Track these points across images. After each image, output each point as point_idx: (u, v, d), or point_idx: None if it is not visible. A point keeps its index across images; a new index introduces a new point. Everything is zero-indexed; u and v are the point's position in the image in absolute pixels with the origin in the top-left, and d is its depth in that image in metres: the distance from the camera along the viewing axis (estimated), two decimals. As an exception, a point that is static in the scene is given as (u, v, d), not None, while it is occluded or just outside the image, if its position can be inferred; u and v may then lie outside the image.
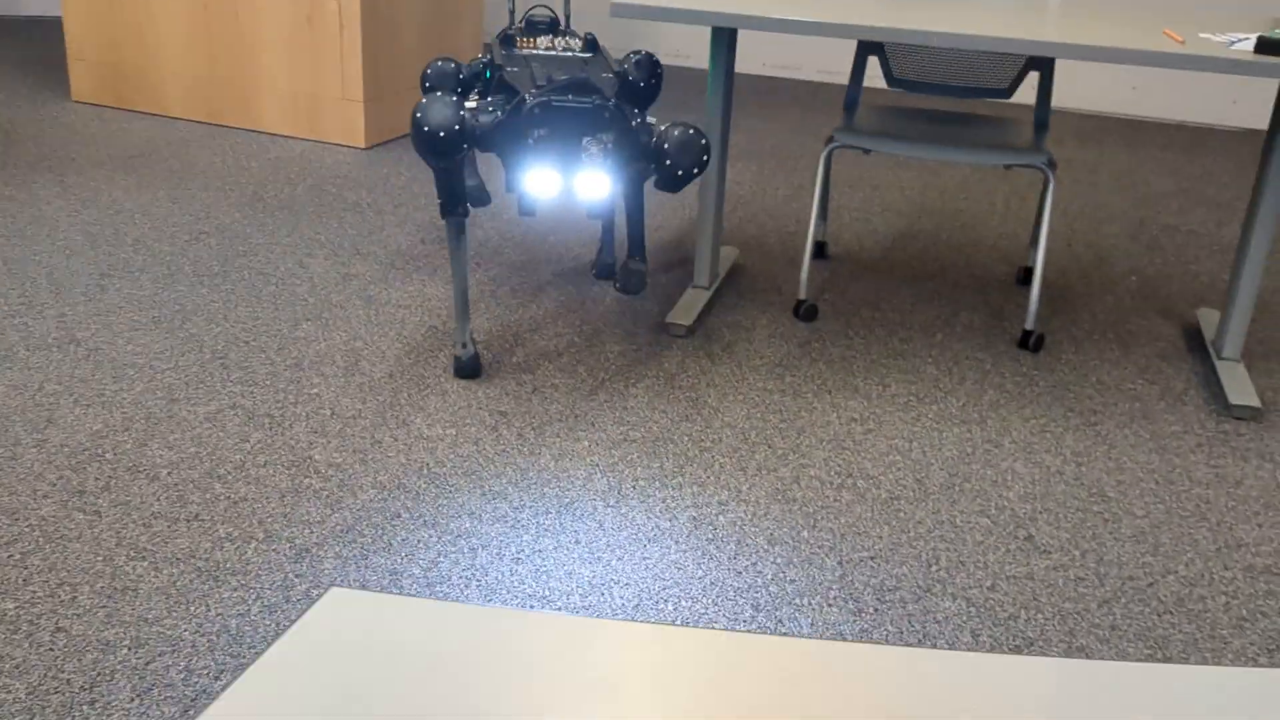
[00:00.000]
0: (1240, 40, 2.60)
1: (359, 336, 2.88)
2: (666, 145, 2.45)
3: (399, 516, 2.20)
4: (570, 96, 2.42)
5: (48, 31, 5.93)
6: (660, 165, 2.47)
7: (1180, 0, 5.14)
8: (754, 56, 5.84)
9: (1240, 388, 2.79)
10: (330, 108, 4.31)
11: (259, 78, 4.39)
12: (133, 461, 2.33)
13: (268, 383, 2.64)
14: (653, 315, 3.08)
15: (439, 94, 2.47)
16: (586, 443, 2.47)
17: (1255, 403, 2.72)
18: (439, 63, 2.96)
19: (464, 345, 2.72)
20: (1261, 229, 2.81)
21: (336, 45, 4.21)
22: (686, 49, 5.93)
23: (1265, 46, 2.48)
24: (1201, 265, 3.63)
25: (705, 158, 2.47)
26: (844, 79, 5.72)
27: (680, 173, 2.46)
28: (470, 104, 2.49)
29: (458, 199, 2.61)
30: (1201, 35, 2.65)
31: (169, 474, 2.29)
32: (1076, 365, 2.93)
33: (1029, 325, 2.99)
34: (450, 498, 2.26)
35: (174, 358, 2.73)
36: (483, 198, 3.44)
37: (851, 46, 5.66)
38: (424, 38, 4.53)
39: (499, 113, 2.49)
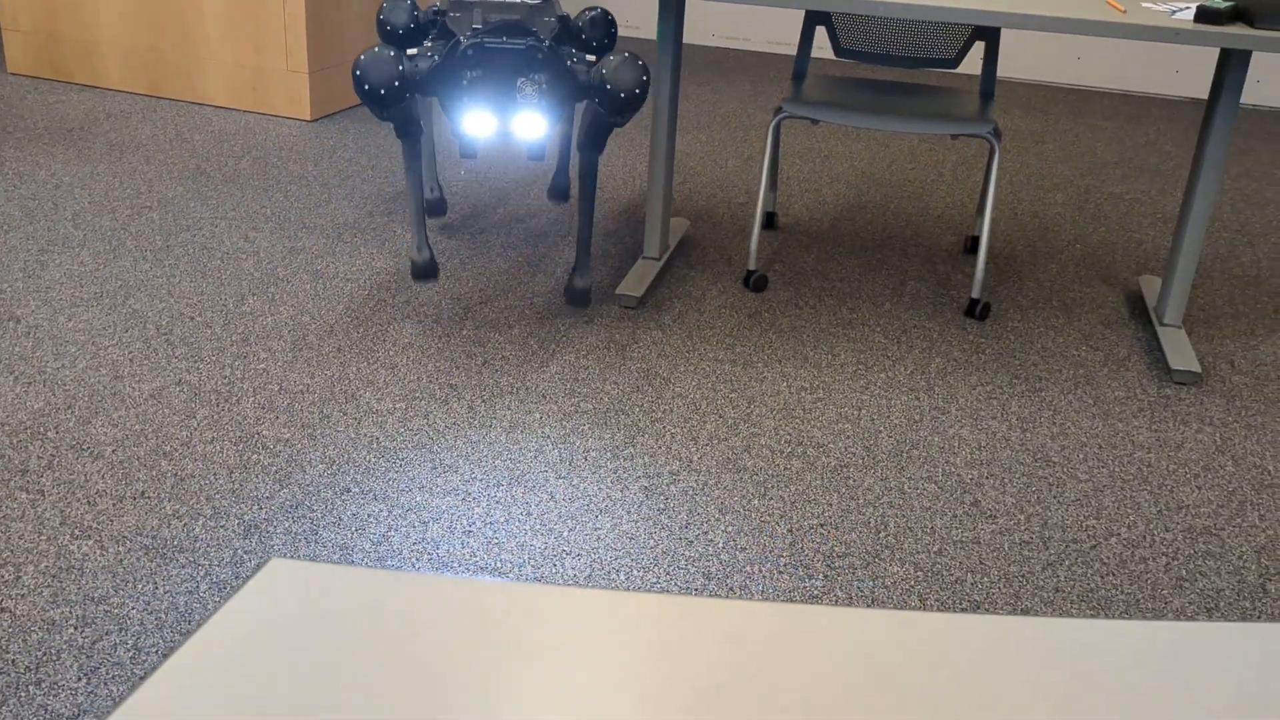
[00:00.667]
0: (1181, 9, 2.63)
1: (306, 310, 2.85)
2: (605, 72, 2.52)
3: (349, 491, 2.19)
4: (504, 38, 2.48)
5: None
6: (602, 95, 2.54)
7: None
8: (703, 27, 5.82)
9: (1181, 353, 2.84)
10: (275, 79, 4.25)
11: (201, 49, 4.31)
12: (76, 439, 2.29)
13: (214, 358, 2.61)
14: (603, 286, 3.07)
15: (378, 48, 2.53)
16: (538, 415, 2.47)
17: (1195, 368, 2.77)
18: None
19: (419, 249, 2.82)
20: (1202, 197, 2.85)
21: (280, 16, 4.15)
22: (636, 19, 5.90)
23: (1205, 16, 2.51)
24: (1144, 233, 3.68)
25: (645, 78, 2.54)
26: (793, 50, 5.72)
27: (623, 95, 2.53)
28: (411, 51, 2.55)
29: (410, 123, 2.70)
30: (1144, 4, 2.68)
31: (113, 451, 2.26)
32: (1022, 332, 2.96)
33: (975, 294, 3.02)
34: (400, 471, 2.25)
35: (117, 334, 2.69)
36: (440, 208, 3.43)
37: (799, 17, 5.66)
38: (369, 7, 4.47)
39: (436, 57, 2.55)
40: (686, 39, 5.88)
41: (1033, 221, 3.72)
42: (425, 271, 2.82)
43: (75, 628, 1.81)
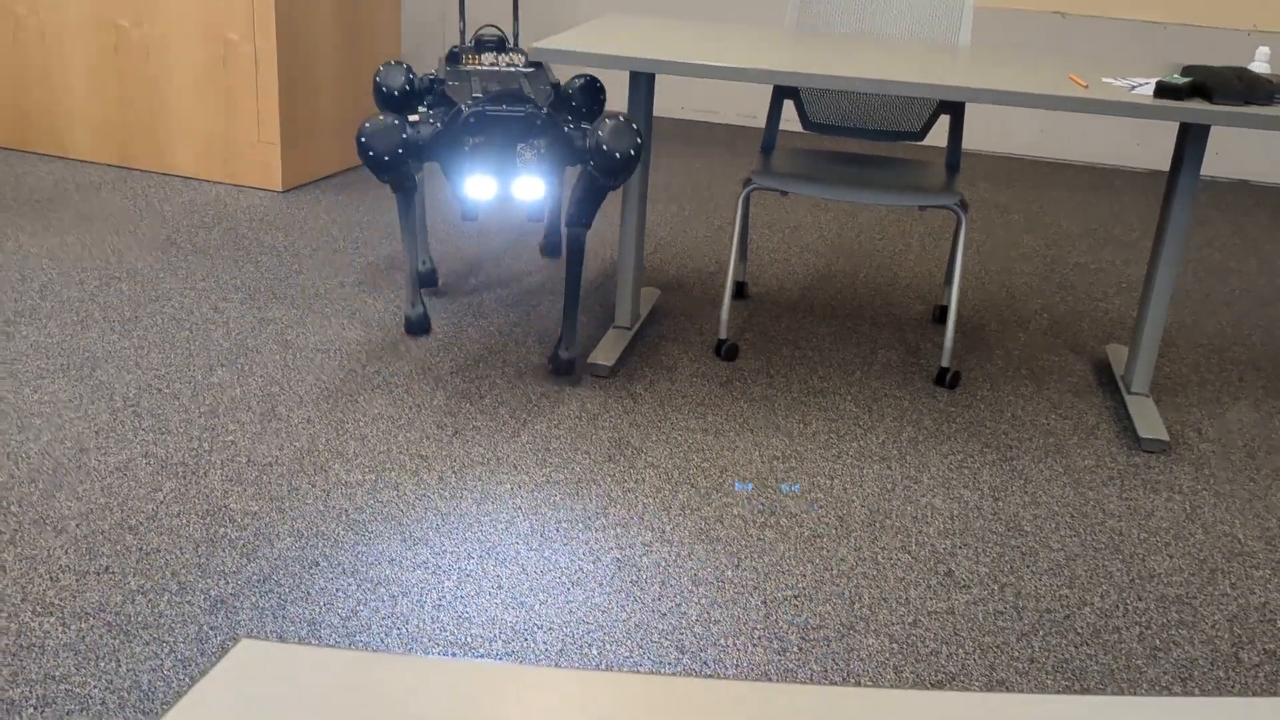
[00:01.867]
0: (1141, 85, 2.69)
1: (275, 381, 2.83)
2: (600, 135, 2.61)
3: (317, 565, 2.15)
4: (504, 106, 2.57)
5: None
6: (597, 157, 2.62)
7: (1082, 46, 5.31)
8: (673, 100, 5.90)
9: (1149, 422, 2.86)
10: (246, 150, 4.26)
11: (171, 119, 4.32)
12: (39, 513, 2.25)
13: (181, 430, 2.59)
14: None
15: (382, 117, 2.63)
16: (509, 485, 2.45)
17: (1164, 436, 2.79)
18: (391, 64, 3.09)
19: (412, 304, 2.93)
20: (1165, 267, 2.89)
21: (252, 87, 4.17)
22: (608, 92, 5.98)
23: (1164, 91, 2.57)
24: (1110, 302, 3.73)
25: (639, 140, 2.63)
26: (761, 122, 5.80)
27: (618, 156, 2.61)
28: (412, 118, 2.65)
29: (406, 178, 2.80)
30: (1104, 80, 2.74)
31: (77, 526, 2.22)
32: (992, 401, 2.98)
33: (945, 362, 3.04)
34: (370, 544, 2.23)
35: (83, 406, 2.66)
36: (431, 279, 3.45)
37: (768, 91, 5.74)
38: (341, 80, 4.51)
39: (438, 124, 2.63)
40: (657, 111, 5.95)
41: (1000, 291, 3.76)
42: (418, 326, 2.91)
43: (35, 707, 1.77)
